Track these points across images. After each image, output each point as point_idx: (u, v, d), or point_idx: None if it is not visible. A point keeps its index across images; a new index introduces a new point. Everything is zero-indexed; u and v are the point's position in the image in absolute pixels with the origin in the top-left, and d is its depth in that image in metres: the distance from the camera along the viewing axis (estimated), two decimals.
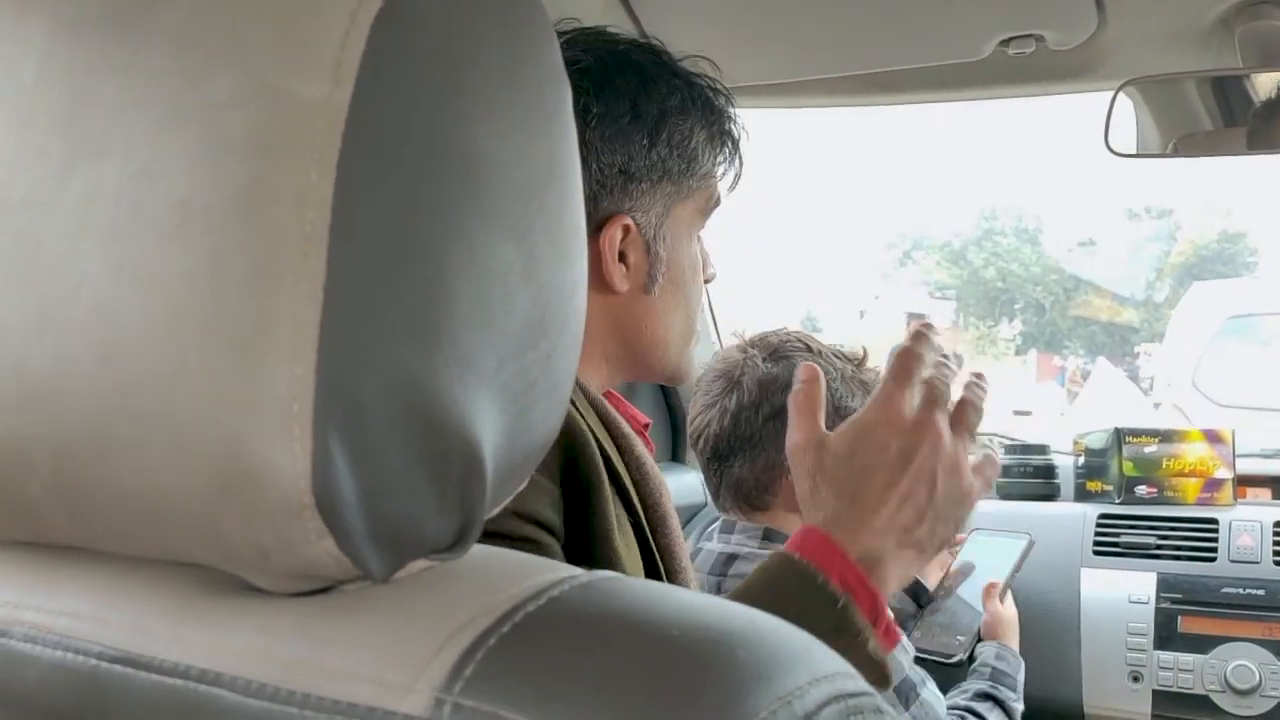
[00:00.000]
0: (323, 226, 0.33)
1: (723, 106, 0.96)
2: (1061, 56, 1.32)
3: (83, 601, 0.40)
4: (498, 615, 0.34)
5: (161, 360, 0.34)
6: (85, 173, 0.37)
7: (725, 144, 0.97)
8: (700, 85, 0.94)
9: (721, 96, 0.96)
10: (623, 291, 0.93)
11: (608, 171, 0.90)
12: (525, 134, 0.40)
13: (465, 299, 0.37)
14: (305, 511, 0.33)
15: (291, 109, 0.34)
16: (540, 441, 0.42)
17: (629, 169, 0.91)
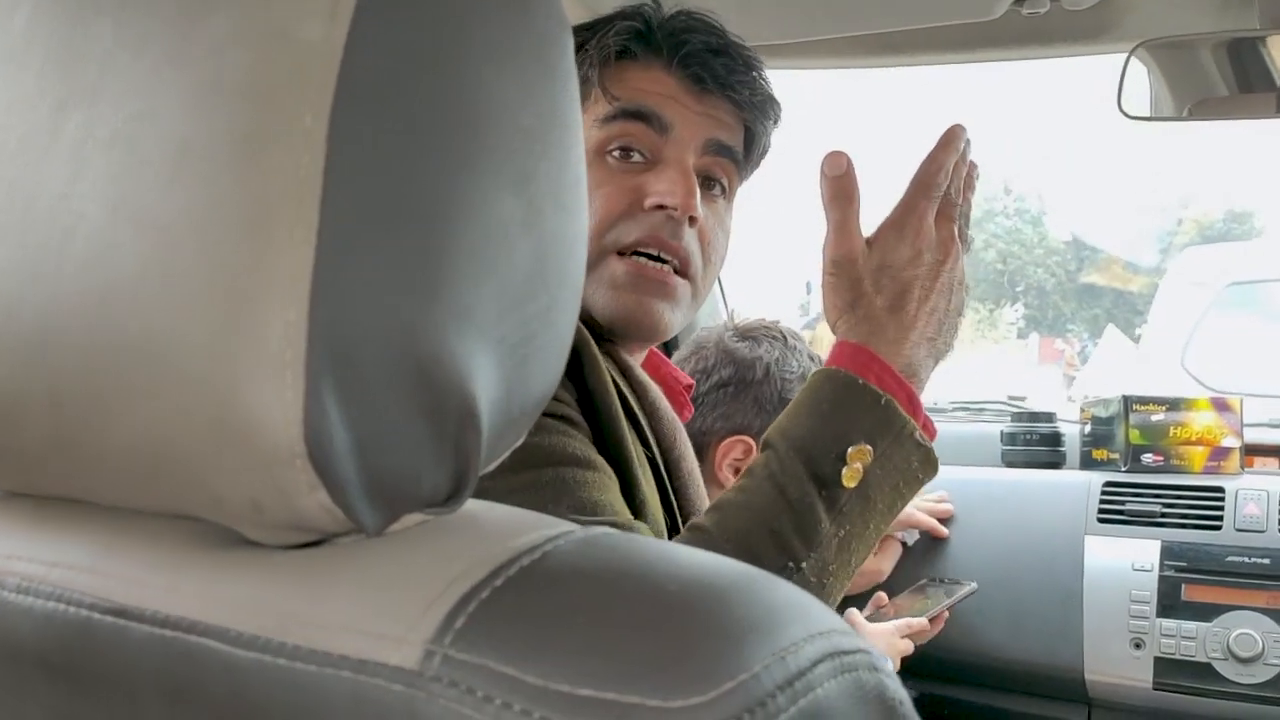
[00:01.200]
0: (317, 171, 0.32)
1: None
2: (1076, 16, 1.30)
3: (77, 553, 0.39)
4: (491, 568, 0.34)
5: (157, 306, 0.34)
6: (80, 117, 0.36)
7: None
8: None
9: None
10: None
11: None
12: (527, 82, 0.39)
13: (464, 249, 0.36)
14: (297, 461, 0.33)
15: (288, 50, 0.33)
16: (539, 395, 0.42)
17: None
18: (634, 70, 0.96)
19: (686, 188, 0.92)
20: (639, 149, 0.94)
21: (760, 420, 1.30)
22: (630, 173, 0.94)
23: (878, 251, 0.86)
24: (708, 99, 0.96)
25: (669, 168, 0.93)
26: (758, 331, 1.37)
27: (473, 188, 0.36)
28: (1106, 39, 1.36)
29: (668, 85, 0.95)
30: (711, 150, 0.97)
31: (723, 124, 0.98)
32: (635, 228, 0.93)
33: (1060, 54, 1.42)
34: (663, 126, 0.94)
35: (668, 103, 0.94)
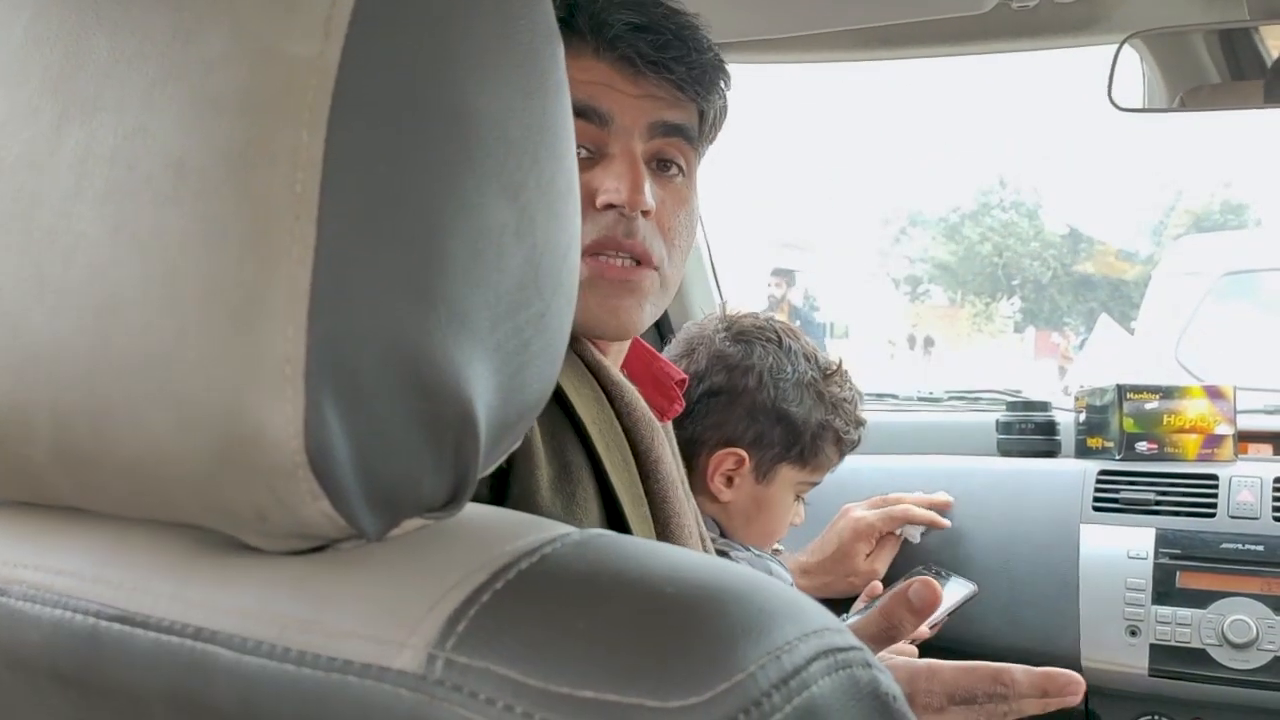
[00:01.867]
0: (313, 187, 0.33)
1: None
2: (1065, 9, 1.31)
3: (83, 561, 0.40)
4: (491, 572, 0.35)
5: (158, 323, 0.34)
6: (79, 131, 0.37)
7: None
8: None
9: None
10: None
11: None
12: (519, 91, 0.40)
13: (458, 258, 0.37)
14: (299, 471, 0.33)
15: (282, 67, 0.34)
16: (534, 400, 0.42)
17: None
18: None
19: (633, 182, 0.89)
20: (582, 145, 0.90)
21: (753, 430, 1.26)
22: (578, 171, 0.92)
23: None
24: (644, 80, 0.91)
25: (614, 161, 0.90)
26: (751, 332, 1.31)
27: (465, 198, 0.37)
28: (1096, 31, 1.36)
29: (599, 72, 0.90)
30: (659, 132, 0.92)
31: (666, 102, 0.92)
32: (590, 230, 0.89)
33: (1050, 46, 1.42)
34: (601, 119, 0.90)
35: (603, 92, 0.90)
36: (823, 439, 1.28)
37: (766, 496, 1.28)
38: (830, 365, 1.33)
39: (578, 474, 0.85)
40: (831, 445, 1.29)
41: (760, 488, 1.28)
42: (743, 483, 1.27)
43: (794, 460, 1.27)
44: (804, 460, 1.28)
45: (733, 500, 1.27)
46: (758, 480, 1.27)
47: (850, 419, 1.31)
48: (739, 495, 1.27)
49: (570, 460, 0.85)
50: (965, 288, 32.84)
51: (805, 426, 1.26)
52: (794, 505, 1.33)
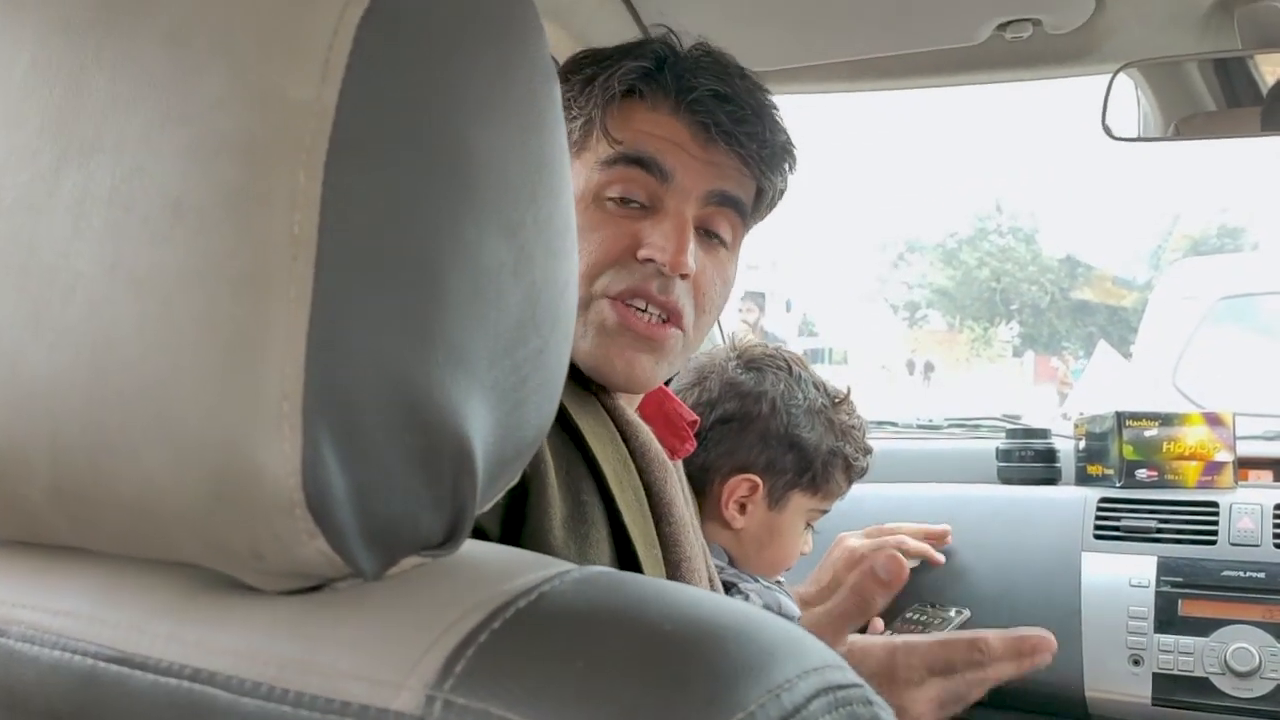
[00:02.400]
0: (311, 228, 0.33)
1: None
2: (1059, 40, 1.32)
3: (80, 601, 0.40)
4: (489, 611, 0.35)
5: (155, 363, 0.34)
6: (77, 173, 0.37)
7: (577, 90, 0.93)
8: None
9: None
10: None
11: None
12: (516, 131, 0.40)
13: (457, 296, 0.37)
14: (296, 510, 0.33)
15: (280, 109, 0.34)
16: (532, 437, 0.42)
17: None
18: (639, 111, 0.92)
19: (679, 244, 0.90)
20: (638, 195, 0.91)
21: (765, 456, 1.26)
22: (627, 218, 0.91)
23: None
24: (713, 147, 0.92)
25: (665, 219, 0.91)
26: (762, 360, 1.32)
27: (463, 237, 0.37)
28: (1090, 61, 1.37)
29: (673, 130, 0.92)
30: (714, 201, 0.94)
31: (728, 174, 0.94)
32: (626, 277, 0.91)
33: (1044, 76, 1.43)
34: (663, 174, 0.91)
35: (671, 149, 0.91)
36: (833, 465, 1.29)
37: (779, 523, 1.29)
38: (839, 393, 1.34)
39: (591, 514, 0.85)
40: (841, 472, 1.31)
41: (773, 515, 1.28)
42: (756, 509, 1.27)
43: (805, 487, 1.28)
44: (815, 487, 1.29)
45: (745, 527, 1.27)
46: (770, 507, 1.28)
47: (859, 446, 1.32)
48: (752, 522, 1.27)
49: (584, 500, 0.85)
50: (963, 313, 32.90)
51: (817, 453, 1.27)
52: (804, 533, 1.33)
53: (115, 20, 0.39)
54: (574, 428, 0.87)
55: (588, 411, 0.90)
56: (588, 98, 0.92)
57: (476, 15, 0.39)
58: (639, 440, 0.94)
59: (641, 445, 0.94)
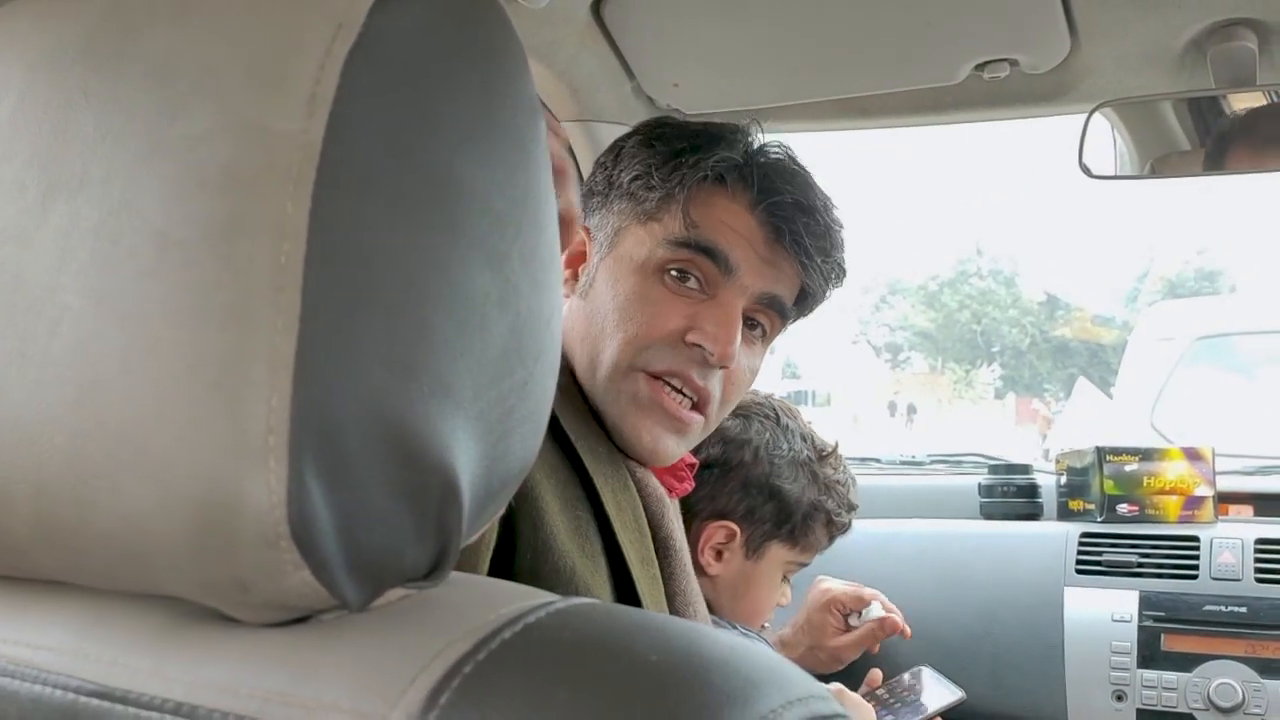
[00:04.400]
0: (298, 259, 0.33)
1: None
2: (1036, 80, 1.33)
3: (62, 635, 0.40)
4: (474, 643, 0.34)
5: (140, 396, 0.34)
6: (64, 207, 0.37)
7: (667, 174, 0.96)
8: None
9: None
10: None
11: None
12: (501, 164, 0.40)
13: (442, 328, 0.37)
14: (281, 542, 0.33)
15: (267, 142, 0.35)
16: (517, 469, 0.42)
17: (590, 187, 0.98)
18: (719, 199, 0.96)
19: (729, 337, 0.94)
20: (696, 277, 0.95)
21: (745, 504, 1.26)
22: (683, 298, 0.95)
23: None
24: (780, 252, 0.97)
25: (720, 310, 0.95)
26: (750, 408, 1.32)
27: (448, 269, 0.37)
28: (1066, 101, 1.39)
29: (746, 225, 0.96)
30: (765, 302, 0.98)
31: (784, 278, 0.99)
32: (669, 357, 0.94)
33: (1021, 116, 1.45)
34: (728, 268, 0.95)
35: (740, 243, 0.95)
36: (814, 519, 1.28)
37: (755, 573, 1.27)
38: (826, 447, 1.34)
39: (586, 529, 0.87)
40: (822, 527, 1.29)
41: (749, 564, 1.27)
42: (732, 557, 1.26)
43: (784, 539, 1.27)
44: (794, 539, 1.28)
45: (721, 574, 1.26)
46: (747, 556, 1.27)
47: (843, 502, 1.31)
48: (727, 570, 1.26)
49: (580, 515, 0.87)
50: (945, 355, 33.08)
51: (798, 505, 1.27)
52: (781, 585, 1.32)
53: (101, 56, 0.39)
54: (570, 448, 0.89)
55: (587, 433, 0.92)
56: (673, 172, 0.96)
57: (463, 50, 0.39)
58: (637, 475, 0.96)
59: (639, 479, 0.96)
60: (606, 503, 0.88)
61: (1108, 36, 1.24)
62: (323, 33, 0.36)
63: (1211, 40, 1.22)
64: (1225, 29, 1.20)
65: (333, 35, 0.36)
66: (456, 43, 0.39)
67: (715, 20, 1.24)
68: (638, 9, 1.23)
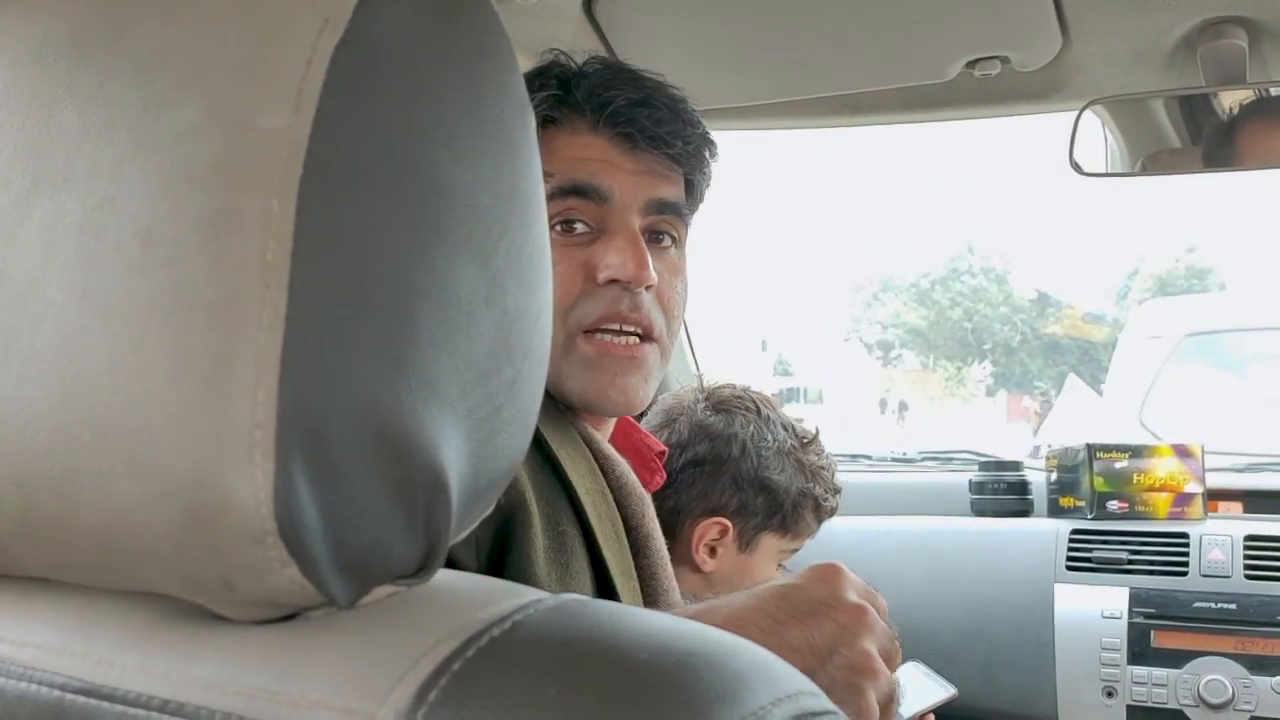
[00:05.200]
0: (284, 256, 0.33)
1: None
2: (1027, 77, 1.34)
3: (48, 632, 0.39)
4: (463, 640, 0.34)
5: (124, 392, 0.34)
6: (48, 202, 0.37)
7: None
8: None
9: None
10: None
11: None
12: (489, 161, 0.40)
13: (428, 325, 0.37)
14: (268, 539, 0.33)
15: (253, 138, 0.34)
16: (506, 467, 0.42)
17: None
18: (561, 137, 0.93)
19: (637, 258, 0.90)
20: (581, 220, 0.92)
21: (737, 499, 1.26)
22: (578, 245, 0.92)
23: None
24: (641, 155, 0.93)
25: (615, 236, 0.91)
26: (731, 402, 1.32)
27: (435, 266, 0.37)
28: (1057, 98, 1.39)
29: (598, 148, 0.93)
30: (655, 209, 0.94)
31: (661, 178, 0.95)
32: (594, 305, 0.91)
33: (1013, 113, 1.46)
34: (602, 196, 0.92)
35: (602, 168, 0.92)
36: (803, 506, 1.29)
37: (750, 566, 1.28)
38: (808, 434, 1.34)
39: (570, 544, 0.85)
40: (811, 512, 1.30)
41: (743, 557, 1.28)
42: (726, 553, 1.27)
43: (776, 528, 1.28)
44: (785, 528, 1.28)
45: (716, 570, 1.27)
46: (741, 549, 1.27)
47: (828, 486, 1.32)
48: (722, 565, 1.27)
49: (564, 530, 0.85)
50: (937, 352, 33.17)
51: (786, 494, 1.27)
52: (776, 574, 1.33)
53: (87, 50, 0.39)
54: (553, 459, 0.87)
55: (566, 443, 0.90)
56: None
57: (451, 46, 0.39)
58: (616, 474, 0.94)
59: (619, 479, 0.94)
60: (590, 517, 0.87)
61: (1098, 34, 1.25)
62: (309, 28, 0.36)
63: (1202, 38, 1.22)
64: (1215, 26, 1.20)
65: (319, 30, 0.35)
66: (444, 39, 0.39)
67: (706, 17, 1.24)
68: (629, 6, 1.23)
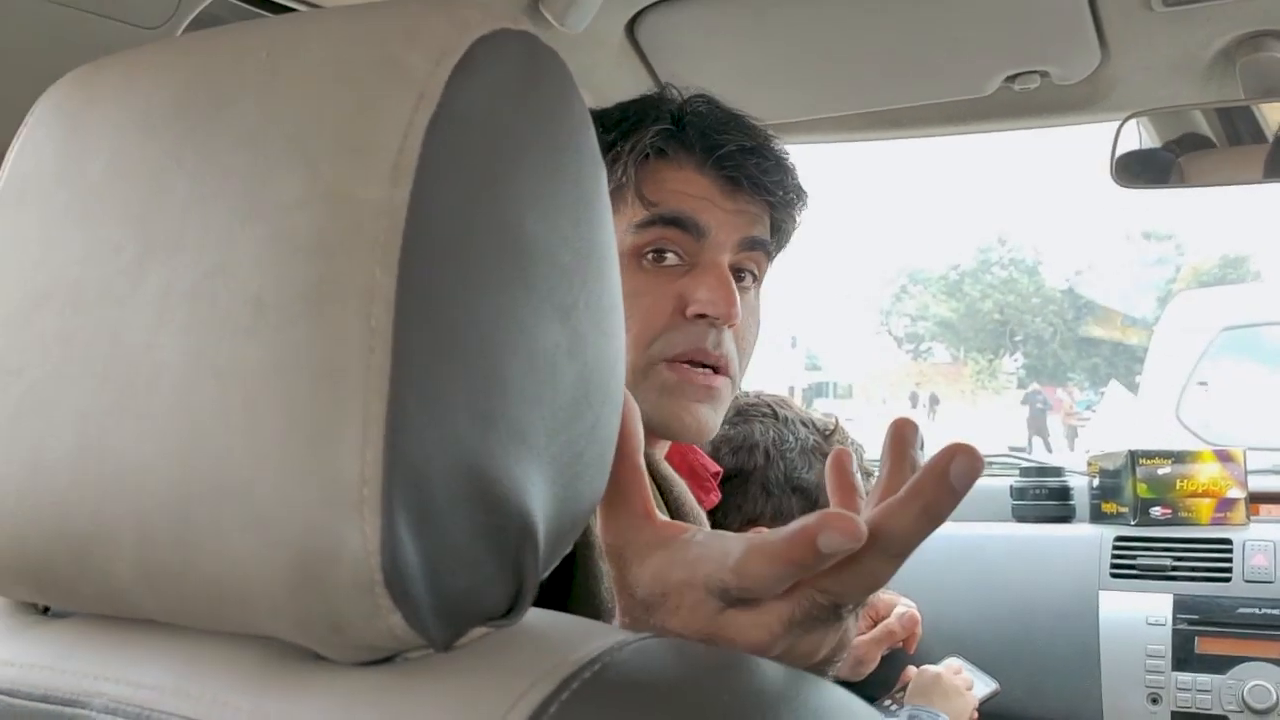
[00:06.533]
0: (387, 322, 0.35)
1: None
2: (1066, 90, 1.34)
3: (163, 674, 0.42)
4: (557, 682, 0.36)
5: (238, 450, 0.36)
6: (160, 268, 0.39)
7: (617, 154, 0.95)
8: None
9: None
10: None
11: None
12: (568, 218, 0.42)
13: (517, 378, 0.39)
14: (375, 588, 0.35)
15: (354, 209, 0.37)
16: (587, 506, 0.44)
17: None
18: (667, 170, 0.95)
19: (727, 296, 0.93)
20: (674, 251, 0.95)
21: (771, 505, 1.28)
22: (668, 277, 0.94)
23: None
24: (740, 197, 0.96)
25: (707, 273, 0.94)
26: (747, 411, 1.33)
27: (522, 323, 0.39)
28: (1096, 110, 1.40)
29: (701, 186, 0.95)
30: (745, 247, 0.97)
31: (754, 219, 0.98)
32: (680, 339, 0.93)
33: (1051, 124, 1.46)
34: (699, 232, 0.94)
35: (702, 205, 0.94)
36: None
37: None
38: (828, 425, 1.35)
39: None
40: None
41: None
42: None
43: None
44: None
45: None
46: None
47: (860, 471, 1.32)
48: None
49: None
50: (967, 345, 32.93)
51: (820, 490, 1.28)
52: None
53: (193, 121, 0.41)
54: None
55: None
56: (614, 162, 0.95)
57: (531, 110, 0.41)
58: (674, 494, 0.96)
59: (677, 499, 0.96)
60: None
61: (1137, 48, 1.25)
62: (405, 103, 0.38)
63: (1240, 51, 1.22)
64: (1254, 40, 1.21)
65: (414, 106, 0.38)
66: (527, 104, 0.41)
67: (747, 37, 1.26)
68: (670, 28, 1.25)
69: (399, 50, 0.39)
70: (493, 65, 0.40)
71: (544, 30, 1.07)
